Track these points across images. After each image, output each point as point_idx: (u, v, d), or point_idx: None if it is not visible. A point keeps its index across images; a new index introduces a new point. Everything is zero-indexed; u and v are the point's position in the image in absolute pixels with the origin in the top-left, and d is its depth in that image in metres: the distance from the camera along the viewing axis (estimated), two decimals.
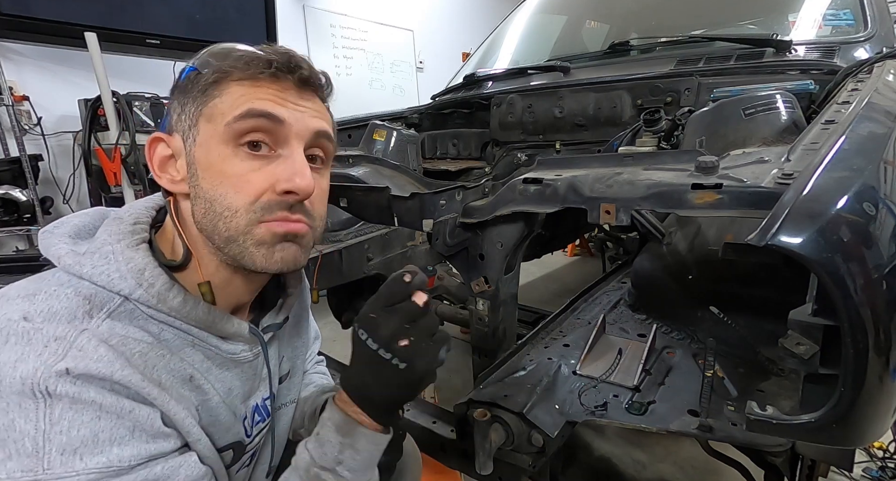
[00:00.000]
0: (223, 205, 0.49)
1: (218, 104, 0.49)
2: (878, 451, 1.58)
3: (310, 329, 0.79)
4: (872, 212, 0.48)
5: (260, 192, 0.49)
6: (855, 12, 1.34)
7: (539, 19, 2.21)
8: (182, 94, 0.51)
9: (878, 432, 0.52)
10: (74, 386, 0.39)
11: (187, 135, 0.51)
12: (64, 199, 2.72)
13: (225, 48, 0.52)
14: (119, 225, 0.51)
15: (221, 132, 0.49)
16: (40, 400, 0.38)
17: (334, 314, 1.60)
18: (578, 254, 4.01)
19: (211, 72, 0.50)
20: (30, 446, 0.37)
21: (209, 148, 0.49)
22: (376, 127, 1.60)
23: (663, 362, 0.84)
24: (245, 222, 0.49)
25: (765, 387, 0.73)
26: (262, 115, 0.49)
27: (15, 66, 2.56)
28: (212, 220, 0.49)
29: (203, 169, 0.50)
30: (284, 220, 0.50)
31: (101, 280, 0.46)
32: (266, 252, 0.50)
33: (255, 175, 0.49)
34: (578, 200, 0.72)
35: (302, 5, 3.97)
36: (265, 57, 0.50)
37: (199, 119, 0.50)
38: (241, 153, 0.49)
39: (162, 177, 0.53)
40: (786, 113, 0.90)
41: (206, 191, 0.49)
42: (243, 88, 0.49)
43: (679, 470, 1.55)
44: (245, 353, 0.56)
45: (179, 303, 0.48)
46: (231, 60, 0.50)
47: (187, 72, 0.51)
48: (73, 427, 0.39)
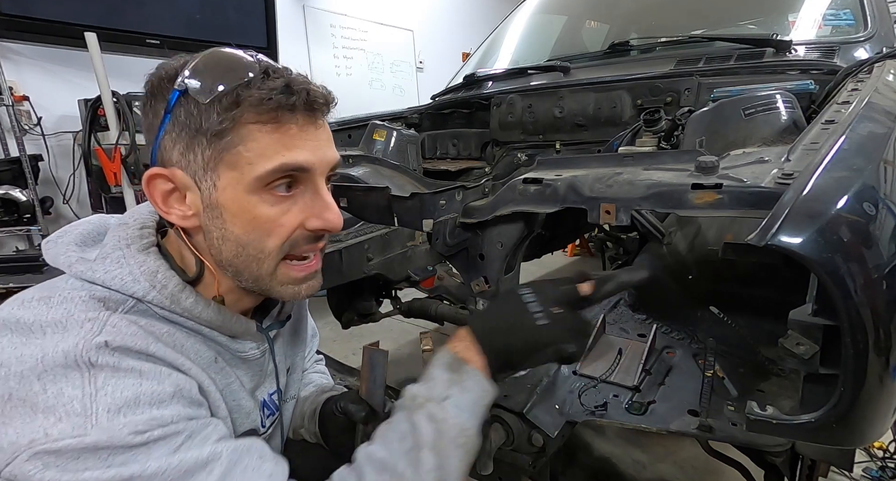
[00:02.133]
0: (257, 248, 0.50)
1: (242, 152, 0.46)
2: (879, 451, 1.58)
3: (308, 327, 0.80)
4: (872, 212, 0.48)
5: (291, 233, 0.50)
6: (855, 12, 1.34)
7: (539, 19, 2.21)
8: (183, 127, 0.47)
9: (878, 432, 0.52)
10: (113, 356, 0.42)
11: (202, 177, 0.48)
12: (64, 199, 2.73)
13: (218, 66, 0.47)
14: (126, 230, 0.52)
15: (249, 182, 0.47)
16: (84, 370, 0.41)
17: (334, 314, 1.60)
18: (578, 254, 4.01)
19: (223, 113, 0.45)
20: (78, 407, 0.39)
21: (235, 195, 0.48)
22: (376, 127, 1.60)
23: (663, 362, 0.84)
24: (274, 264, 0.51)
25: (765, 387, 0.73)
26: (294, 168, 0.48)
27: (15, 66, 2.56)
28: (244, 262, 0.51)
29: (232, 214, 0.49)
30: (303, 259, 0.53)
31: (115, 283, 0.47)
32: (293, 290, 0.54)
33: (286, 217, 0.50)
34: (578, 200, 0.72)
35: (302, 5, 3.97)
36: (285, 100, 0.46)
37: (219, 165, 0.47)
38: (269, 198, 0.49)
39: (170, 212, 0.50)
40: (786, 113, 0.90)
41: (239, 237, 0.49)
42: (267, 135, 0.47)
43: (679, 470, 1.55)
44: (253, 351, 0.58)
45: (192, 303, 0.50)
46: (246, 100, 0.45)
47: (176, 96, 0.46)
48: (117, 390, 0.41)
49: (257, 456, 0.48)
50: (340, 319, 1.61)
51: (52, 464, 0.38)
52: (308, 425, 0.73)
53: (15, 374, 0.40)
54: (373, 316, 1.58)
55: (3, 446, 0.38)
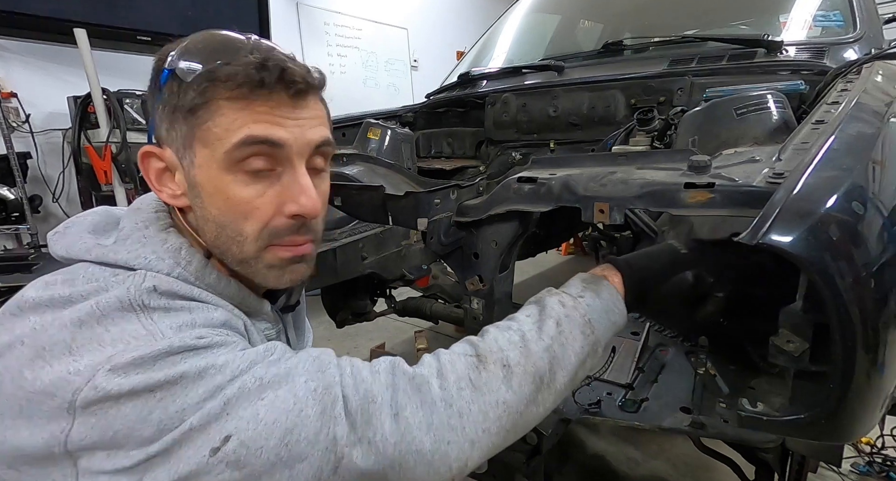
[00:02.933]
0: (234, 230, 0.50)
1: (212, 128, 0.47)
2: (866, 447, 1.61)
3: (306, 318, 0.81)
4: (861, 211, 0.48)
5: (268, 218, 0.50)
6: (844, 14, 1.35)
7: (533, 18, 2.21)
8: (166, 104, 0.48)
9: (866, 427, 0.53)
10: (162, 299, 0.44)
11: (182, 155, 0.49)
12: (53, 198, 2.69)
13: (205, 46, 0.48)
14: (141, 214, 0.52)
15: (220, 159, 0.47)
16: (139, 312, 0.43)
17: (329, 313, 1.60)
18: (572, 252, 4.03)
19: (198, 90, 0.46)
20: (143, 332, 0.42)
21: (210, 173, 0.48)
22: (371, 125, 1.60)
23: (656, 360, 0.85)
24: (255, 248, 0.51)
25: (756, 385, 0.74)
26: (260, 141, 0.47)
27: (3, 63, 2.52)
28: (224, 243, 0.51)
29: (208, 194, 0.49)
30: (292, 245, 0.53)
31: (139, 263, 0.47)
32: (277, 273, 0.53)
33: (261, 200, 0.49)
34: (572, 199, 0.72)
35: (295, 2, 3.94)
36: (256, 76, 0.46)
37: (194, 142, 0.48)
38: (244, 178, 0.48)
39: (162, 190, 0.52)
40: (777, 113, 0.91)
41: (216, 217, 0.50)
42: (236, 110, 0.46)
43: (672, 467, 1.57)
44: (269, 331, 0.59)
45: (215, 278, 0.51)
46: (218, 77, 0.46)
47: (165, 75, 0.48)
48: (173, 321, 0.43)
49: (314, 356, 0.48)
50: (335, 318, 1.60)
51: (131, 371, 0.39)
52: None
53: (73, 321, 0.41)
54: (367, 315, 1.58)
55: (80, 369, 0.39)
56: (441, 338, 2.49)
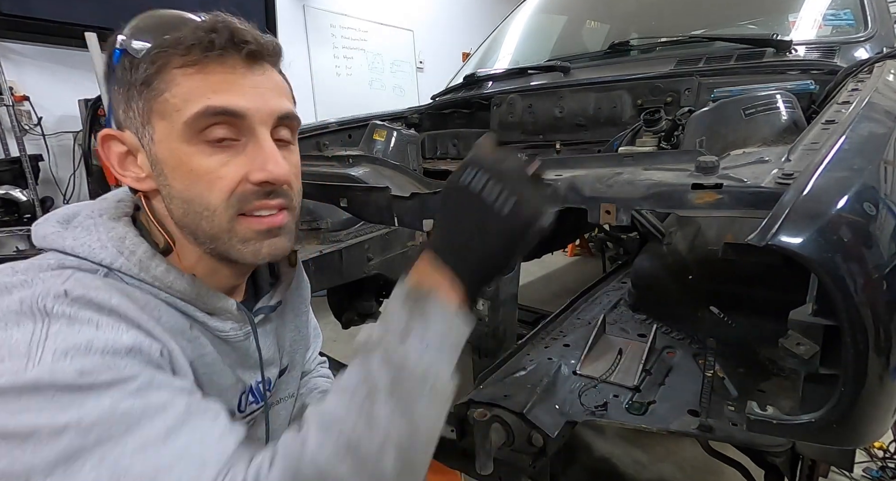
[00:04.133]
0: (201, 204, 0.47)
1: (169, 99, 0.45)
2: (879, 451, 1.58)
3: (309, 325, 0.78)
4: (873, 212, 0.48)
5: (234, 185, 0.47)
6: (855, 12, 1.34)
7: (539, 19, 2.21)
8: (121, 84, 0.47)
9: (879, 432, 0.52)
10: (71, 307, 0.40)
11: (142, 133, 0.48)
12: (64, 199, 2.73)
13: (155, 22, 0.48)
14: (102, 203, 0.52)
15: (180, 130, 0.46)
16: (38, 318, 0.39)
17: (334, 314, 1.60)
18: (578, 254, 4.01)
19: (148, 60, 0.45)
20: (23, 349, 0.37)
21: (171, 146, 0.46)
22: (376, 127, 1.60)
23: (663, 362, 0.84)
24: (226, 218, 0.48)
25: (765, 387, 0.73)
26: (220, 112, 0.46)
27: (15, 67, 2.56)
28: (193, 220, 0.49)
29: (171, 169, 0.47)
30: (263, 212, 0.49)
31: (83, 251, 0.46)
32: (254, 248, 0.50)
33: (225, 169, 0.47)
34: (578, 200, 0.72)
35: (302, 5, 3.97)
36: (206, 37, 0.44)
37: (152, 116, 0.46)
38: (206, 149, 0.46)
39: (126, 175, 0.50)
40: (786, 113, 0.90)
41: (181, 192, 0.48)
42: (190, 79, 0.45)
43: (679, 471, 1.55)
44: (235, 332, 0.55)
45: (162, 271, 0.48)
46: (168, 44, 0.45)
47: (118, 56, 0.47)
48: (69, 337, 0.38)
49: (211, 417, 0.43)
50: (341, 319, 1.61)
51: None
52: None
53: None
54: (373, 316, 1.58)
55: None
56: None
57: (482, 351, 0.98)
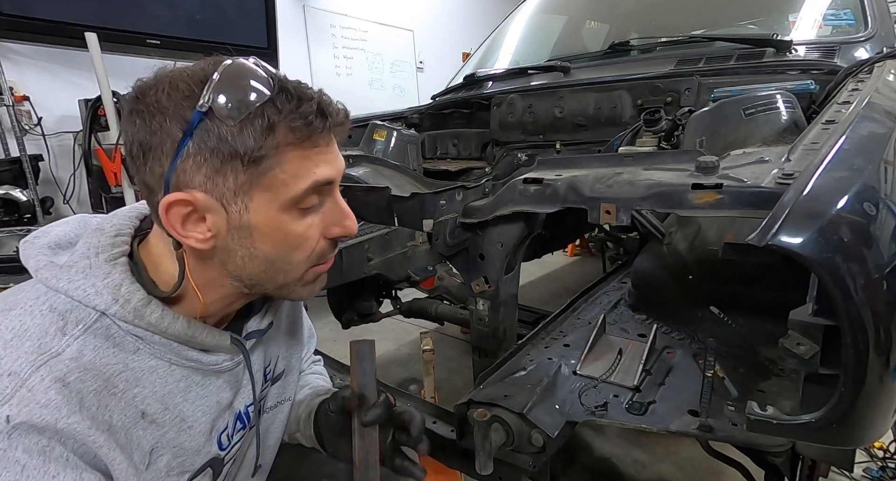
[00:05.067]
0: (286, 261, 0.51)
1: (278, 175, 0.47)
2: (879, 451, 1.58)
3: (304, 327, 0.79)
4: (873, 212, 0.48)
5: (316, 244, 0.52)
6: (855, 12, 1.34)
7: (539, 19, 2.21)
8: (210, 150, 0.44)
9: (879, 432, 0.52)
10: (6, 439, 0.39)
11: (230, 200, 0.46)
12: (64, 199, 2.73)
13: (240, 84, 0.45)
14: (99, 237, 0.50)
15: (284, 202, 0.48)
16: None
17: (334, 314, 1.60)
18: (579, 254, 4.01)
19: (261, 139, 0.44)
20: None
21: (269, 215, 0.48)
22: (376, 127, 1.61)
23: (663, 362, 0.84)
24: (302, 271, 0.53)
25: (765, 387, 0.73)
26: (324, 184, 0.50)
27: (15, 66, 2.56)
28: (271, 275, 0.52)
29: (262, 234, 0.49)
30: (328, 261, 0.56)
31: (77, 294, 0.46)
32: (311, 287, 0.56)
33: (312, 230, 0.52)
34: (579, 200, 0.72)
35: (302, 5, 3.97)
36: (319, 125, 0.47)
37: (253, 188, 0.47)
38: (297, 215, 0.50)
39: (188, 237, 0.47)
40: (786, 113, 0.90)
41: (267, 254, 0.50)
42: (299, 157, 0.48)
43: (679, 471, 1.55)
44: (226, 363, 0.56)
45: (157, 318, 0.48)
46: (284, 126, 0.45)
47: (199, 117, 0.43)
48: None
49: None
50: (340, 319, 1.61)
51: None
52: (303, 429, 0.72)
53: None
54: (373, 316, 1.58)
55: None
56: (447, 339, 2.49)
57: (482, 351, 0.98)
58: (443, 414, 0.96)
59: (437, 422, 0.93)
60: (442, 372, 2.06)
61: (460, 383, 2.01)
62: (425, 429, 0.64)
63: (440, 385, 1.85)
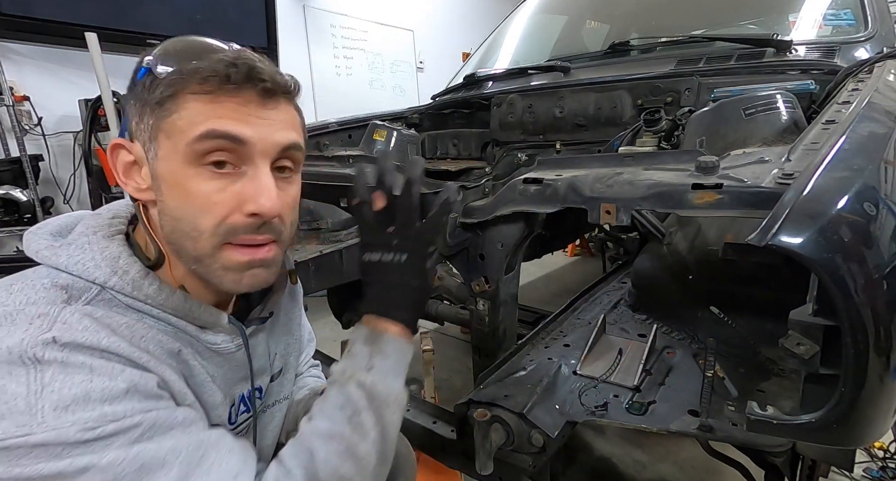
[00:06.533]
0: (190, 224, 0.48)
1: (176, 120, 0.47)
2: (879, 451, 1.58)
3: (302, 328, 0.78)
4: (873, 212, 0.48)
5: (226, 214, 0.48)
6: (855, 12, 1.34)
7: (539, 19, 2.21)
8: (138, 99, 0.49)
9: (879, 432, 0.52)
10: (62, 352, 0.40)
11: (148, 147, 0.49)
12: (64, 199, 2.73)
13: (183, 48, 0.49)
14: (96, 219, 0.53)
15: (182, 151, 0.47)
16: (30, 366, 0.39)
17: (334, 314, 1.60)
18: (579, 254, 4.01)
19: (166, 83, 0.47)
20: (22, 405, 0.38)
21: (171, 165, 0.48)
22: (376, 127, 1.61)
23: (663, 362, 0.84)
24: (211, 244, 0.49)
25: (765, 387, 0.73)
26: (223, 136, 0.47)
27: (15, 67, 2.56)
28: (179, 238, 0.50)
29: (168, 186, 0.49)
30: (249, 246, 0.51)
31: (77, 269, 0.47)
32: (234, 276, 0.51)
33: (220, 196, 0.48)
34: (579, 200, 0.72)
35: (302, 5, 3.97)
36: (224, 71, 0.46)
37: (159, 133, 0.48)
38: (204, 172, 0.48)
39: (128, 183, 0.52)
40: (786, 113, 0.90)
41: (173, 210, 0.49)
42: (201, 104, 0.47)
43: (679, 471, 1.55)
44: (227, 344, 0.56)
45: (155, 290, 0.49)
46: (187, 72, 0.47)
47: (142, 73, 0.48)
48: (65, 387, 0.39)
49: (226, 451, 0.47)
50: (341, 319, 1.61)
51: (3, 460, 0.37)
52: None
53: None
54: None
55: None
56: (447, 339, 2.49)
57: (482, 351, 0.98)
58: (443, 414, 0.96)
59: (437, 422, 0.93)
60: (442, 372, 2.06)
61: (460, 383, 2.01)
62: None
63: (440, 385, 1.85)
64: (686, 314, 0.90)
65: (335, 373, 0.56)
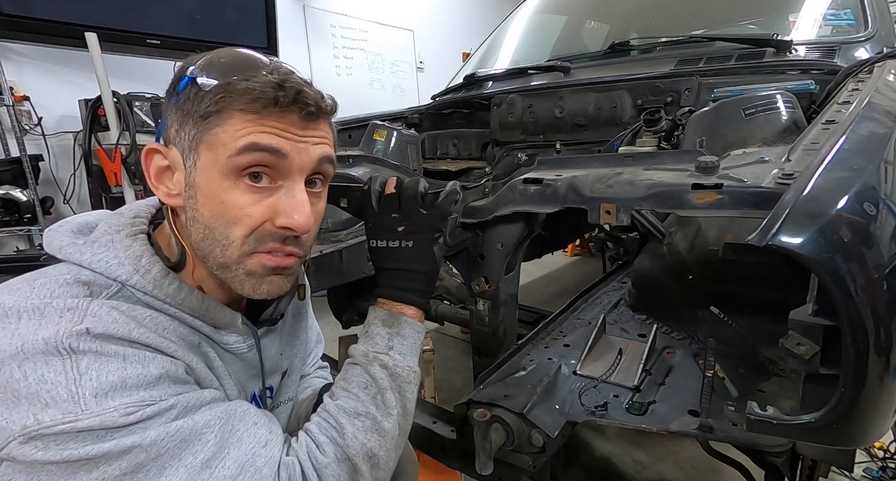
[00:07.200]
0: (222, 233, 0.50)
1: (220, 133, 0.48)
2: (879, 451, 1.58)
3: (310, 330, 0.79)
4: (873, 212, 0.48)
5: (257, 224, 0.50)
6: (855, 12, 1.34)
7: (539, 19, 2.21)
8: (179, 108, 0.50)
9: (879, 432, 0.52)
10: (95, 342, 0.42)
11: (187, 156, 0.50)
12: (64, 199, 2.73)
13: (228, 61, 0.50)
14: (119, 218, 0.54)
15: (223, 163, 0.48)
16: (66, 356, 0.41)
17: (334, 314, 1.60)
18: (579, 254, 4.01)
19: (213, 98, 0.48)
20: (64, 393, 0.40)
21: (210, 176, 0.49)
22: (376, 127, 1.60)
23: (663, 362, 0.84)
24: (239, 253, 0.51)
25: (765, 387, 0.73)
26: (265, 149, 0.48)
27: (15, 67, 2.56)
28: (209, 246, 0.51)
29: (204, 196, 0.49)
30: (275, 253, 0.52)
31: (100, 266, 0.48)
32: (255, 282, 0.53)
33: (254, 208, 0.50)
34: (579, 200, 0.72)
35: (302, 5, 3.97)
36: (272, 94, 0.47)
37: (200, 145, 0.49)
38: (241, 185, 0.49)
39: (159, 188, 0.53)
40: (786, 113, 0.90)
41: (207, 219, 0.50)
42: (246, 120, 0.48)
43: (679, 471, 1.55)
44: (239, 344, 0.58)
45: (174, 289, 0.50)
46: (236, 91, 0.47)
47: (185, 82, 0.49)
48: (102, 374, 0.41)
49: (252, 423, 0.49)
50: (341, 319, 1.61)
51: (52, 445, 0.39)
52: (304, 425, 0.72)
53: None
54: None
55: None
56: (447, 339, 2.49)
57: (482, 351, 0.98)
58: (443, 414, 0.96)
59: (437, 422, 0.93)
60: (442, 372, 2.06)
61: (460, 383, 2.01)
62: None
63: (440, 385, 1.86)
64: (686, 314, 0.90)
65: (356, 355, 0.59)
